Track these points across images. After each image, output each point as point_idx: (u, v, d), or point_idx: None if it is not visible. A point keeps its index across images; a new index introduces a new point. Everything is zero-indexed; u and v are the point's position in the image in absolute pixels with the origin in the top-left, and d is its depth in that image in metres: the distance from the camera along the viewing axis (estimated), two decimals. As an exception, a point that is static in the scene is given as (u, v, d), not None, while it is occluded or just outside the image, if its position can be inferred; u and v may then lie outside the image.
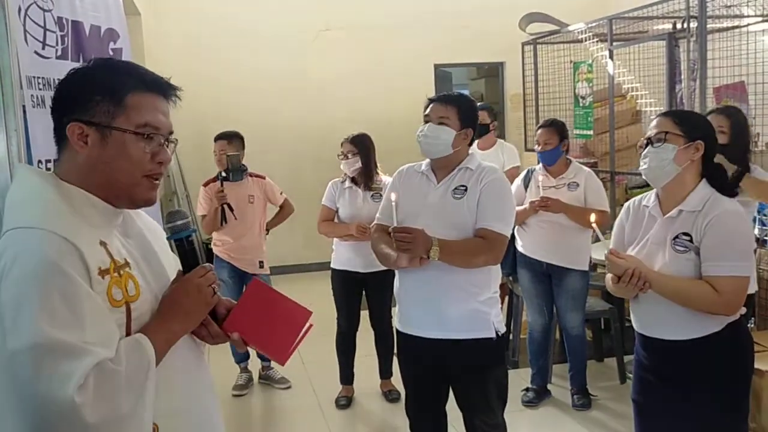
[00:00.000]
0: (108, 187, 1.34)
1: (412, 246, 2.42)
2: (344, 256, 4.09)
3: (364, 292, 4.19)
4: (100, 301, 1.23)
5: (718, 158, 2.32)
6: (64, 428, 1.14)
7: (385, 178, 4.09)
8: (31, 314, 1.15)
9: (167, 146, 1.39)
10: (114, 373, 1.19)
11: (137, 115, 1.33)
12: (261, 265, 4.36)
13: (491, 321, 2.60)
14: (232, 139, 4.37)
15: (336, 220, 4.11)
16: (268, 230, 4.55)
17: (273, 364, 4.59)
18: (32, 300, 1.16)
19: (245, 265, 4.35)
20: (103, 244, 1.29)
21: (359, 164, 4.03)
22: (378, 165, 4.13)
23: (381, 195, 4.01)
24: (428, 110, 2.65)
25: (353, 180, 4.07)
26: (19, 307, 1.16)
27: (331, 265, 4.21)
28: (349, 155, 4.01)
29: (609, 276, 2.36)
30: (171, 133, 1.40)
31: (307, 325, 1.53)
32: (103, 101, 1.31)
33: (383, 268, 3.98)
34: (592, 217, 2.41)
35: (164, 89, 1.38)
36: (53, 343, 1.14)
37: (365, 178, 4.05)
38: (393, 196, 2.53)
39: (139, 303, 1.31)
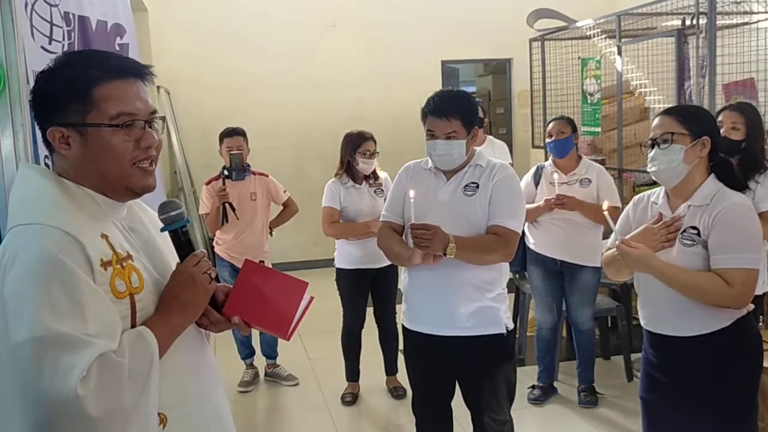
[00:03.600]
0: (102, 183, 1.34)
1: (431, 242, 2.40)
2: (355, 254, 4.04)
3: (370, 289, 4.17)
4: (103, 294, 1.23)
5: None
6: (67, 421, 1.14)
7: (382, 174, 4.08)
8: (32, 307, 1.15)
9: (151, 128, 1.37)
10: (117, 365, 1.19)
11: (108, 106, 1.31)
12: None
13: (501, 317, 2.60)
14: (244, 135, 4.35)
15: (341, 221, 4.05)
16: (271, 230, 4.53)
17: (279, 360, 4.60)
18: (33, 293, 1.16)
19: None
20: (104, 236, 1.30)
21: (376, 162, 4.03)
22: None
23: (382, 190, 4.01)
24: (429, 125, 2.56)
25: (353, 178, 4.03)
26: (21, 300, 1.17)
27: (338, 265, 4.15)
28: (375, 155, 3.98)
29: (606, 254, 2.36)
30: (153, 113, 1.37)
31: (308, 297, 1.51)
32: (72, 100, 1.30)
33: (390, 263, 3.99)
34: (605, 205, 2.40)
35: (132, 72, 1.36)
36: (55, 335, 1.14)
37: (371, 174, 4.04)
38: (411, 193, 2.50)
39: (143, 295, 1.32)
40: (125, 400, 1.19)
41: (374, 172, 4.06)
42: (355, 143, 4.00)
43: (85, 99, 1.30)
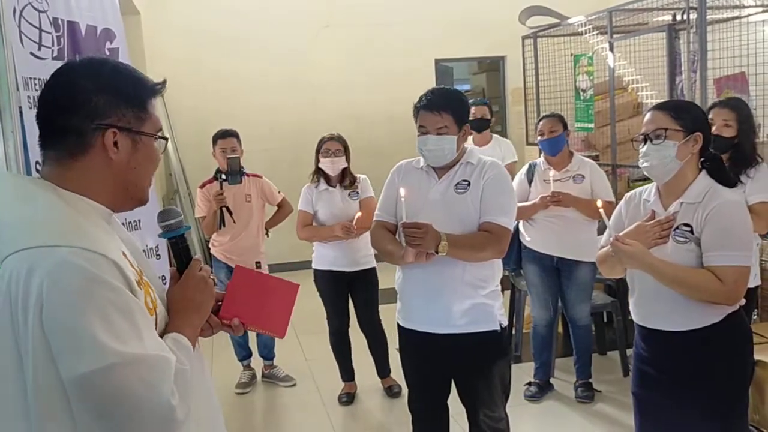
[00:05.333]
0: (123, 192, 1.34)
1: (422, 241, 2.41)
2: (329, 256, 4.08)
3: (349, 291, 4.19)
4: (147, 311, 1.25)
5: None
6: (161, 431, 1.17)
7: (360, 176, 4.09)
8: (92, 334, 1.11)
9: None
10: (185, 372, 1.23)
11: (155, 120, 1.36)
12: (258, 266, 4.32)
13: (495, 314, 2.61)
14: (238, 137, 4.35)
15: (314, 223, 4.09)
16: (267, 230, 4.54)
17: (276, 361, 4.60)
18: (88, 318, 1.12)
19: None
20: (124, 254, 1.28)
21: (345, 163, 4.03)
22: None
23: (357, 193, 4.02)
24: (421, 120, 2.58)
25: (328, 181, 4.05)
26: (76, 328, 1.12)
27: (314, 266, 4.19)
28: (337, 153, 4.00)
29: (600, 252, 2.37)
30: None
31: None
32: (134, 107, 1.32)
33: (368, 266, 4.02)
34: (599, 203, 2.40)
35: (159, 92, 1.40)
36: (129, 358, 1.13)
37: (345, 177, 4.05)
38: (402, 192, 2.51)
39: (159, 308, 1.34)
40: (192, 401, 1.24)
41: (350, 175, 4.06)
42: (319, 144, 4.05)
43: (144, 108, 1.34)
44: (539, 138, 3.99)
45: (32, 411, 1.16)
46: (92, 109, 1.27)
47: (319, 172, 4.08)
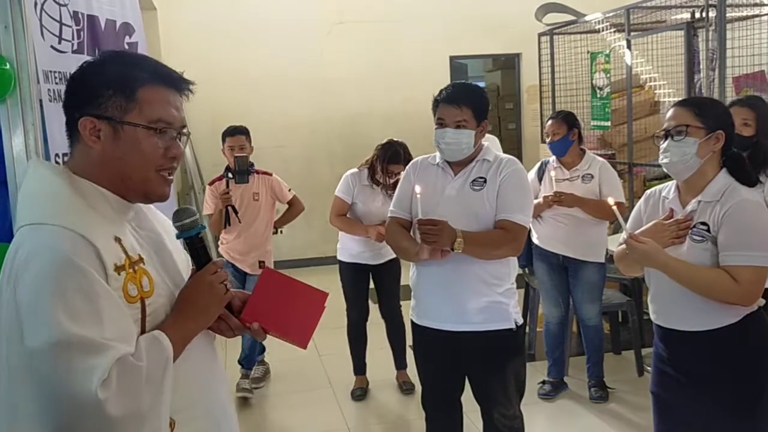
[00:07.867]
0: (121, 182, 1.34)
1: (438, 238, 2.41)
2: (354, 249, 4.09)
3: (372, 283, 4.20)
4: (117, 298, 1.23)
5: None
6: (88, 425, 1.14)
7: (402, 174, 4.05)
8: (49, 311, 1.14)
9: (180, 140, 1.38)
10: (136, 368, 1.19)
11: (150, 109, 1.32)
12: (261, 265, 4.22)
13: (510, 312, 2.60)
14: (247, 134, 4.32)
15: (348, 213, 4.08)
16: (277, 228, 4.49)
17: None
18: (49, 297, 1.15)
19: (245, 265, 4.25)
20: (117, 239, 1.29)
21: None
22: None
23: None
24: (440, 113, 2.56)
25: (374, 178, 4.00)
26: (37, 304, 1.15)
27: (339, 258, 4.20)
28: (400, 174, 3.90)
29: (618, 249, 2.35)
30: (183, 126, 1.39)
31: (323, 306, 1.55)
32: (115, 95, 1.30)
33: (391, 257, 4.00)
34: (610, 200, 2.38)
35: (177, 83, 1.38)
36: (74, 339, 1.13)
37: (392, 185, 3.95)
38: (418, 189, 2.51)
39: (153, 298, 1.31)
40: (143, 403, 1.19)
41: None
42: (391, 160, 3.90)
43: (130, 97, 1.31)
44: (546, 139, 3.99)
45: (2, 388, 1.20)
46: (75, 99, 1.32)
47: (371, 169, 3.98)
